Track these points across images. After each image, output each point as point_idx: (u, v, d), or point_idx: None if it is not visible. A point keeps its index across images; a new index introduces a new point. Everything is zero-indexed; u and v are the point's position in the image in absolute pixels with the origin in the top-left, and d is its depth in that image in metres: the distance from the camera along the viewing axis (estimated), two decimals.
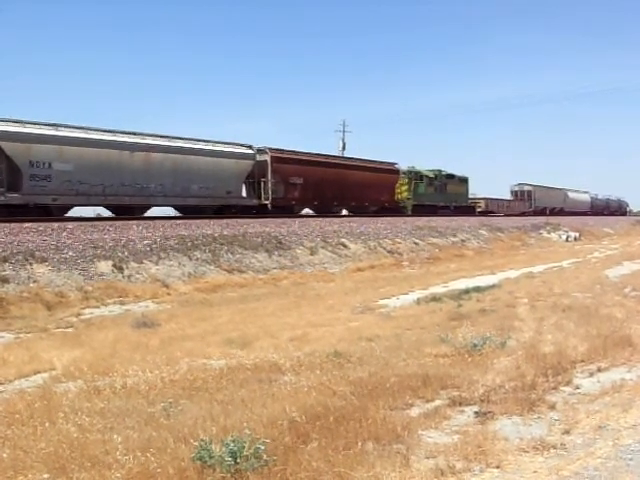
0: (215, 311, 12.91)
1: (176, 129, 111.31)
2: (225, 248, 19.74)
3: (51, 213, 20.73)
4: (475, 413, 5.00)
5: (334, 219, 29.57)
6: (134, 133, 23.86)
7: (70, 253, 15.90)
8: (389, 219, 31.36)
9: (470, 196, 46.46)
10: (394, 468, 3.85)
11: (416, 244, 27.97)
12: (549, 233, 41.21)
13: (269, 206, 28.25)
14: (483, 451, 4.12)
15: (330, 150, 54.32)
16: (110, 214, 24.41)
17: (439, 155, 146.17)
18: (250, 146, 28.21)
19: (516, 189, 55.10)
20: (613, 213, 71.37)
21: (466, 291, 13.42)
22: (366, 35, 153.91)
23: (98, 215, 25.10)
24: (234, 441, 3.86)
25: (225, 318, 11.74)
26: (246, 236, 21.26)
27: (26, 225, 17.14)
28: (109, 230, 18.50)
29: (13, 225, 16.93)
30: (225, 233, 21.01)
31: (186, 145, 25.34)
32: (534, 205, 54.34)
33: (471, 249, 30.48)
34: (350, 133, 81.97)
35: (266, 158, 28.32)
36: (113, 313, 13.19)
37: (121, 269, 16.24)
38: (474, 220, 38.57)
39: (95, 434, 4.44)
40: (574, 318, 9.07)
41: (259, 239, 21.41)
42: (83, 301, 14.06)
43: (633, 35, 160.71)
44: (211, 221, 22.51)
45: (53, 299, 13.73)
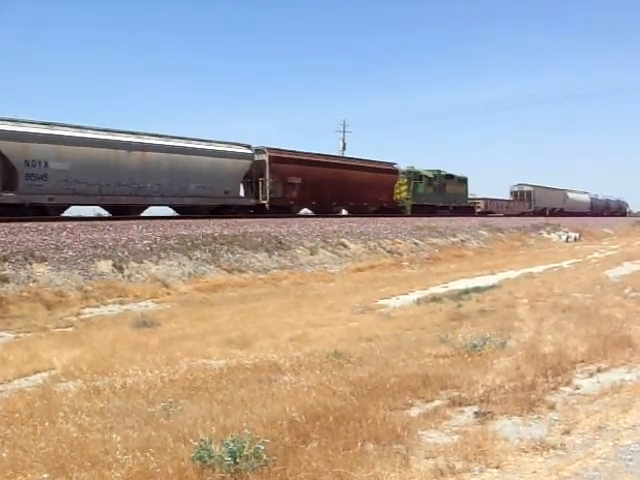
0: (215, 311, 12.92)
1: (176, 129, 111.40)
2: (225, 248, 19.75)
3: (47, 212, 20.61)
4: (475, 413, 5.00)
5: (334, 219, 29.54)
6: (131, 132, 23.69)
7: (70, 253, 15.90)
8: (389, 219, 31.33)
9: (469, 196, 46.35)
10: (394, 468, 3.85)
11: (416, 244, 27.97)
12: (549, 234, 41.21)
13: (267, 206, 28.14)
14: (483, 451, 4.12)
15: (330, 150, 54.43)
16: (107, 214, 24.28)
17: (439, 155, 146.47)
18: (248, 146, 28.07)
19: (516, 189, 55.07)
20: (613, 214, 71.35)
21: (466, 291, 13.43)
22: (366, 35, 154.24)
23: (98, 215, 25.00)
24: (234, 441, 3.86)
25: (225, 318, 11.74)
26: (246, 236, 21.26)
27: (26, 224, 17.14)
28: (109, 230, 18.50)
29: (13, 224, 16.93)
30: (225, 233, 21.01)
31: (183, 144, 25.17)
32: (534, 205, 54.32)
33: (471, 249, 30.48)
34: (350, 133, 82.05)
35: (264, 158, 28.17)
36: (113, 313, 13.20)
37: (121, 269, 16.24)
38: (474, 220, 38.57)
39: (95, 434, 4.44)
40: (574, 318, 9.07)
41: (259, 239, 21.41)
42: (83, 301, 14.07)
43: (633, 35, 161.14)
44: (211, 221, 22.51)
45: (53, 299, 13.74)
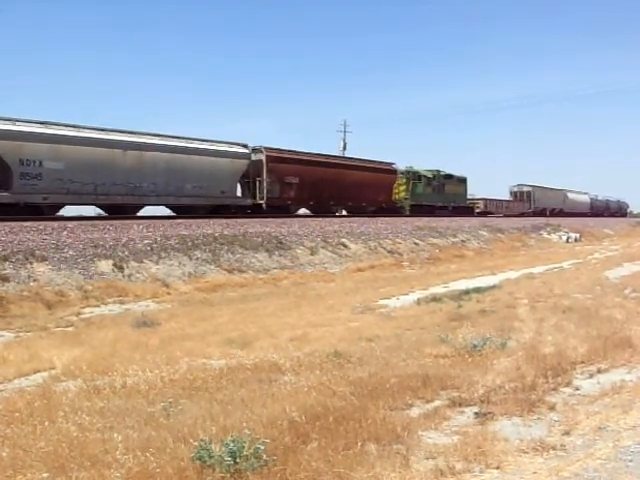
0: (215, 311, 12.91)
1: (176, 129, 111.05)
2: (225, 248, 19.75)
3: (42, 212, 20.43)
4: (475, 414, 5.00)
5: (334, 219, 29.52)
6: (127, 132, 23.48)
7: (70, 252, 15.90)
8: (389, 219, 31.31)
9: (468, 196, 46.25)
10: (394, 469, 3.85)
11: (416, 244, 27.97)
12: (549, 234, 41.19)
13: (264, 206, 27.91)
14: (483, 452, 4.12)
15: (331, 150, 54.37)
16: (102, 213, 24.09)
17: (439, 155, 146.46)
18: (245, 145, 27.86)
19: (515, 190, 54.98)
20: (613, 214, 71.29)
21: (466, 292, 13.43)
22: (366, 35, 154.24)
23: (99, 215, 24.95)
24: (234, 441, 3.86)
25: (225, 318, 11.74)
26: (246, 236, 21.26)
27: (26, 224, 17.13)
28: (109, 229, 18.50)
29: (13, 224, 16.92)
30: (225, 233, 21.01)
31: (180, 144, 24.94)
32: (533, 206, 54.24)
33: (471, 250, 30.47)
34: (350, 133, 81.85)
35: (261, 157, 27.92)
36: (113, 312, 13.19)
37: (121, 268, 16.24)
38: (474, 221, 38.55)
39: (95, 433, 4.44)
40: (574, 319, 9.07)
41: (259, 239, 21.41)
42: (83, 300, 14.06)
43: (633, 35, 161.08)
44: (211, 221, 22.49)
45: (53, 298, 13.74)
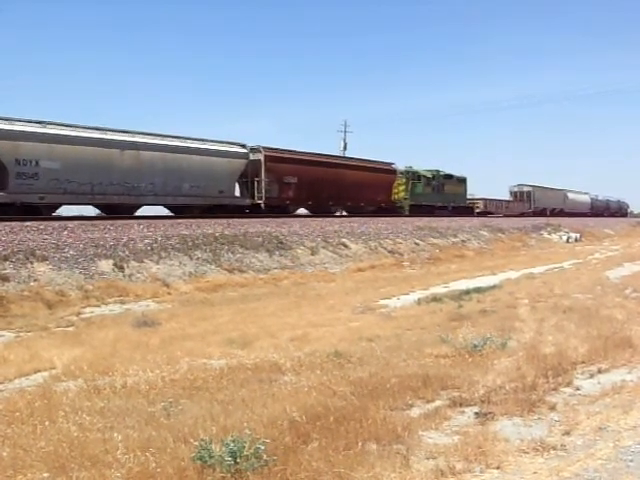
0: (216, 311, 12.91)
1: (176, 129, 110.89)
2: (226, 248, 19.75)
3: (39, 212, 20.29)
4: (475, 414, 5.00)
5: (335, 219, 29.51)
6: (124, 131, 23.28)
7: (71, 252, 15.91)
8: (389, 219, 31.29)
9: (468, 196, 46.20)
10: (394, 469, 3.85)
11: (417, 244, 27.97)
12: (550, 234, 41.19)
13: (262, 206, 27.74)
14: (483, 452, 4.12)
15: (331, 150, 54.41)
16: (101, 214, 23.85)
17: (439, 155, 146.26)
18: (243, 145, 27.70)
19: (515, 190, 54.90)
20: (613, 214, 71.26)
21: (467, 292, 13.44)
22: (366, 35, 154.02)
23: (98, 215, 24.90)
24: (234, 441, 3.86)
25: (226, 318, 11.74)
26: (247, 236, 21.26)
27: (27, 224, 17.14)
28: (110, 229, 18.49)
29: (14, 224, 16.92)
30: (226, 233, 21.01)
31: (177, 144, 24.74)
32: (533, 206, 54.17)
33: (472, 250, 30.47)
34: (351, 133, 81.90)
35: (260, 157, 27.71)
36: (113, 312, 13.19)
37: (122, 268, 16.25)
38: (475, 221, 38.55)
39: (95, 433, 4.44)
40: (575, 319, 9.07)
41: (260, 239, 21.41)
42: (84, 300, 14.07)
43: (633, 35, 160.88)
44: (212, 220, 22.48)
45: (53, 298, 13.74)
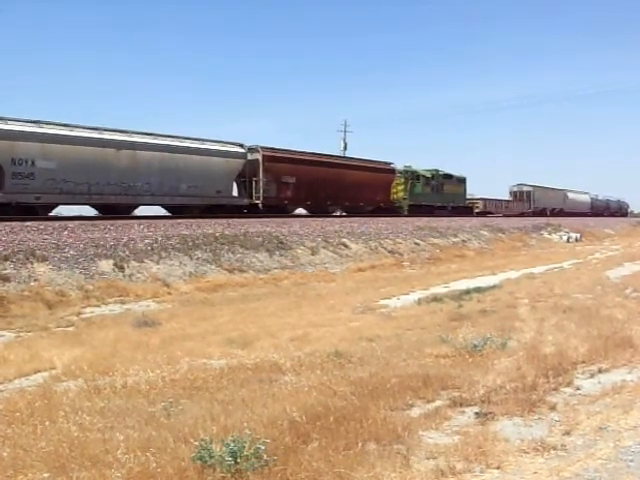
0: (216, 311, 12.91)
1: (176, 129, 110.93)
2: (226, 248, 19.74)
3: (35, 212, 20.22)
4: (476, 414, 5.00)
5: (335, 219, 29.49)
6: (121, 131, 23.19)
7: (71, 252, 15.90)
8: (390, 219, 31.26)
9: (468, 196, 46.11)
10: (394, 469, 3.85)
11: (417, 244, 27.96)
12: (550, 234, 41.17)
13: (260, 206, 27.63)
14: (484, 452, 4.12)
15: (331, 150, 54.28)
16: (97, 214, 23.76)
17: (439, 155, 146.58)
18: (241, 144, 27.60)
19: (515, 189, 54.85)
20: (613, 214, 71.23)
21: (467, 291, 13.45)
22: (366, 35, 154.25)
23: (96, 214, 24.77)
24: (234, 441, 3.86)
25: (226, 318, 11.74)
26: (247, 236, 21.26)
27: (27, 224, 17.14)
28: (110, 229, 18.49)
29: (14, 224, 16.93)
30: (226, 233, 21.00)
31: (174, 143, 24.61)
32: (533, 206, 54.14)
33: (472, 249, 30.46)
34: (351, 133, 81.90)
35: (257, 157, 27.62)
36: (114, 312, 13.19)
37: (122, 268, 16.24)
38: (475, 221, 38.53)
39: (95, 433, 4.44)
40: (575, 319, 9.06)
41: (260, 239, 21.40)
42: (84, 300, 14.06)
43: (633, 35, 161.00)
44: (212, 220, 22.47)
45: (54, 298, 13.74)
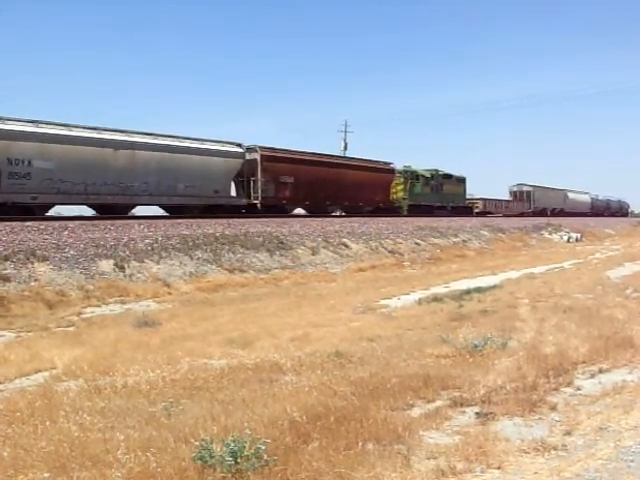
0: (216, 311, 12.91)
1: (176, 129, 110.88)
2: (226, 248, 19.75)
3: (31, 212, 20.09)
4: (476, 414, 5.00)
5: (335, 219, 29.47)
6: (118, 130, 23.13)
7: (71, 252, 15.91)
8: (390, 219, 31.25)
9: (467, 196, 46.02)
10: (395, 469, 3.84)
11: (417, 244, 27.96)
12: (550, 234, 41.16)
13: (258, 206, 27.55)
14: (484, 452, 4.12)
15: (332, 150, 54.19)
16: (94, 213, 23.66)
17: (438, 155, 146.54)
18: (239, 144, 27.52)
19: (515, 189, 54.79)
20: (614, 214, 71.20)
21: (467, 291, 13.45)
22: (366, 35, 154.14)
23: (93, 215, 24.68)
24: (235, 441, 3.86)
25: (226, 318, 11.74)
26: (247, 236, 21.26)
27: (27, 224, 17.14)
28: (110, 229, 18.49)
29: (14, 224, 16.93)
30: (227, 233, 21.00)
31: (172, 143, 24.53)
32: (533, 206, 54.09)
33: (472, 249, 30.46)
34: (351, 133, 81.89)
35: (256, 157, 27.51)
36: (114, 312, 13.19)
37: (122, 268, 16.24)
38: (475, 221, 38.52)
39: (96, 433, 4.44)
40: (575, 319, 9.06)
41: (260, 239, 21.41)
42: (84, 300, 14.06)
43: (633, 35, 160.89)
44: (212, 220, 22.47)
45: (54, 298, 13.74)
